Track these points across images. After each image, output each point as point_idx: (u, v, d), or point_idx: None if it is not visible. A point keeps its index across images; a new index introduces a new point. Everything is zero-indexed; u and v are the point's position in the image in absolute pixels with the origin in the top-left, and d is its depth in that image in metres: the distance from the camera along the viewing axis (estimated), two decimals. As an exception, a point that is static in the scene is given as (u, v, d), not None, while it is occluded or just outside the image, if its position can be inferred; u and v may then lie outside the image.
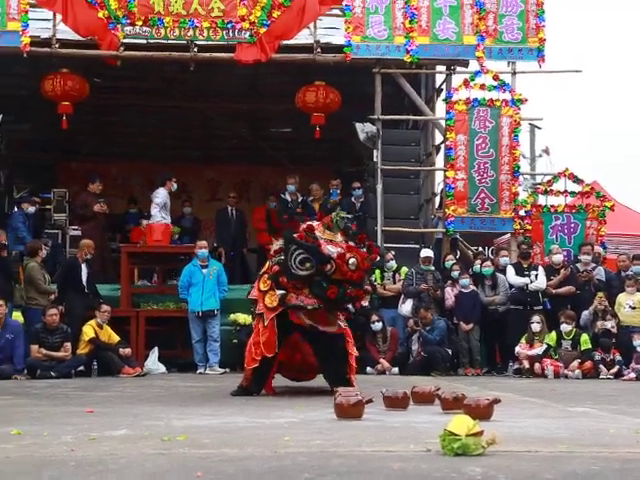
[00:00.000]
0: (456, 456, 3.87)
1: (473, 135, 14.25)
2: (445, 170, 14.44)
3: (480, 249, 15.56)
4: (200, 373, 12.06)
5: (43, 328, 11.36)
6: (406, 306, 12.78)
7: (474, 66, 14.67)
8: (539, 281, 12.71)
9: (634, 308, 12.34)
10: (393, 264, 13.15)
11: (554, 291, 12.72)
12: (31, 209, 14.38)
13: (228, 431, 4.92)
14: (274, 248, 7.92)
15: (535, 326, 12.13)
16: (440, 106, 15.73)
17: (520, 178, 14.58)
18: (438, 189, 16.16)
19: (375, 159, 14.44)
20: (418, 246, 14.17)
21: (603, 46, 55.24)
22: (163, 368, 12.15)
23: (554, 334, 12.06)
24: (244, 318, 12.58)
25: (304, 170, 17.32)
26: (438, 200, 15.82)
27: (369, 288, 8.33)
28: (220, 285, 12.52)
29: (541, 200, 14.45)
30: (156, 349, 12.26)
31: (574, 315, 12.16)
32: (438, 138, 15.82)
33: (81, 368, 11.55)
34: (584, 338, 11.95)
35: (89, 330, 11.58)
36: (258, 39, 14.05)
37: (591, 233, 14.10)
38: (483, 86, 14.32)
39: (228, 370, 12.22)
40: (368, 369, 12.11)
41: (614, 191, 17.35)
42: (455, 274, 12.90)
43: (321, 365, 8.19)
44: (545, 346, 11.98)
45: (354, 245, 7.66)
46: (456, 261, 13.44)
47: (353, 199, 14.84)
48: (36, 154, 18.12)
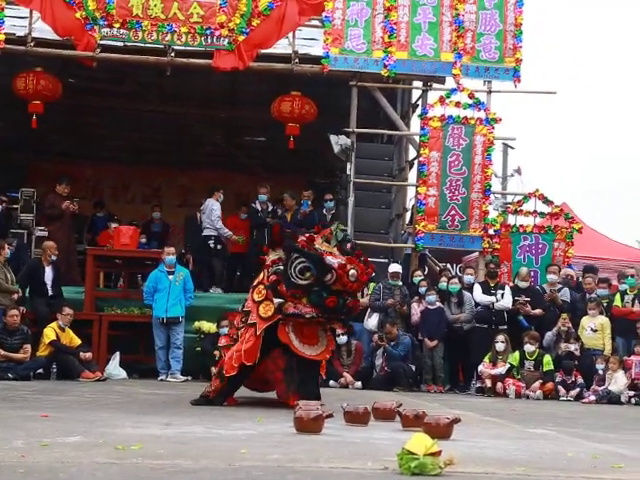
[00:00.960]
0: (413, 475, 3.84)
1: (446, 152, 14.30)
2: (417, 186, 14.46)
3: (447, 266, 15.58)
4: (161, 380, 11.97)
5: (3, 329, 11.21)
6: (372, 320, 12.77)
7: (450, 83, 14.74)
8: (505, 300, 12.76)
9: (595, 331, 12.42)
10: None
11: (531, 312, 12.74)
12: (-3, 208, 14.24)
13: (184, 441, 4.86)
14: (272, 258, 7.90)
15: (499, 345, 12.16)
16: (415, 122, 15.79)
17: (491, 197, 14.64)
18: (409, 204, 16.20)
19: (348, 172, 14.44)
20: (387, 260, 14.17)
21: (577, 69, 55.84)
22: (124, 374, 12.03)
23: (517, 354, 12.10)
24: (208, 326, 12.54)
25: (277, 180, 17.32)
26: (409, 215, 15.85)
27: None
28: (186, 292, 12.45)
29: (510, 220, 14.53)
30: (118, 354, 12.14)
31: (538, 336, 12.23)
32: (412, 153, 15.86)
33: (40, 371, 11.40)
34: (547, 359, 12.02)
35: (50, 332, 11.44)
36: (236, 47, 14.03)
37: (558, 254, 14.19)
38: (458, 104, 14.38)
39: (190, 378, 12.16)
40: (331, 382, 12.07)
41: (583, 214, 17.51)
42: (422, 290, 12.91)
43: (291, 377, 8.10)
44: (508, 366, 12.02)
45: (353, 258, 7.69)
46: (424, 277, 13.45)
47: (325, 211, 14.82)
48: (7, 153, 17.93)
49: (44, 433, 4.95)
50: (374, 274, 9.36)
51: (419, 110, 15.15)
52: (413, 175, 15.53)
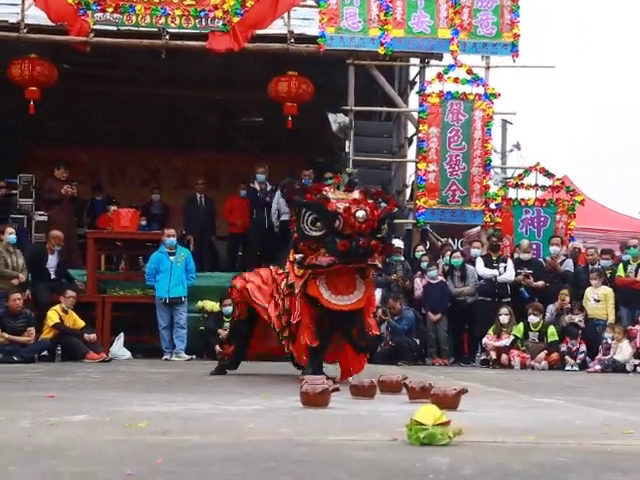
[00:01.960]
0: (422, 446, 3.81)
1: (446, 128, 14.25)
2: (417, 162, 14.44)
3: (449, 240, 15.58)
4: (166, 359, 11.99)
5: (6, 313, 11.21)
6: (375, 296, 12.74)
7: (448, 60, 14.65)
8: (507, 273, 12.76)
9: (598, 301, 12.44)
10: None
11: (534, 284, 12.73)
12: (-4, 194, 14.22)
13: (191, 418, 4.84)
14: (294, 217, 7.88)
15: (503, 318, 12.17)
16: (413, 98, 15.73)
17: (491, 171, 14.60)
18: (409, 181, 16.15)
19: (347, 150, 14.40)
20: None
21: (576, 42, 55.59)
22: (128, 354, 12.05)
23: (521, 326, 12.12)
24: (211, 305, 12.56)
25: (275, 159, 17.25)
26: (409, 192, 15.80)
27: (392, 243, 8.05)
28: (188, 272, 12.46)
29: (512, 193, 14.50)
30: (122, 335, 12.16)
31: (542, 307, 12.25)
32: (410, 130, 15.80)
33: (45, 353, 11.40)
34: (551, 330, 12.05)
35: (54, 315, 11.43)
36: (231, 28, 13.94)
37: (560, 227, 14.19)
38: (457, 80, 14.32)
39: (194, 357, 12.17)
40: (336, 359, 12.06)
41: (584, 186, 17.45)
42: (424, 265, 12.91)
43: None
44: (512, 337, 12.04)
45: (365, 198, 7.55)
46: (426, 252, 13.45)
47: (325, 189, 14.76)
48: (4, 139, 17.85)
49: (50, 413, 4.92)
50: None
51: (417, 87, 15.07)
52: (412, 151, 15.49)
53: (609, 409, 6.03)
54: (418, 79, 15.23)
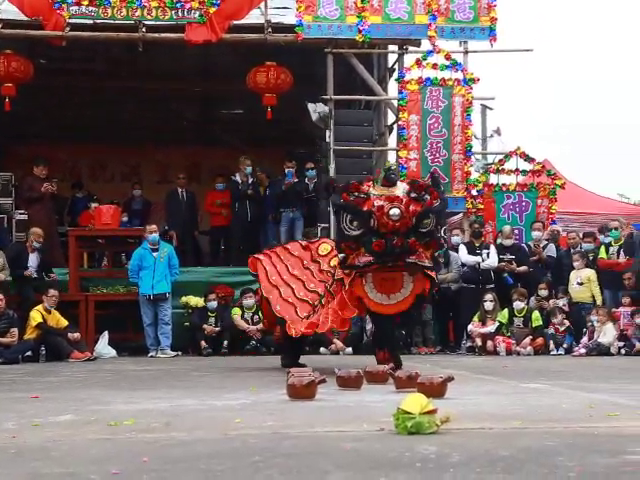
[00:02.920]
0: (410, 435, 3.81)
1: (426, 115, 14.23)
2: (398, 150, 14.42)
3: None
4: (151, 356, 11.93)
5: (-12, 314, 11.12)
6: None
7: (426, 46, 14.63)
8: (491, 259, 12.77)
9: (582, 284, 12.48)
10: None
11: (517, 270, 12.76)
12: (-25, 194, 14.09)
13: (177, 414, 4.82)
14: None
15: (488, 304, 12.19)
16: (392, 86, 15.68)
17: (472, 158, 14.60)
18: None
19: (327, 139, 14.36)
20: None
21: (553, 25, 55.66)
22: (113, 352, 11.97)
23: (506, 312, 12.15)
24: (196, 301, 12.52)
25: (256, 152, 17.17)
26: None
27: (439, 238, 7.92)
28: (171, 268, 12.39)
29: (493, 179, 14.50)
30: (106, 333, 12.08)
31: (526, 292, 12.27)
32: (391, 118, 15.77)
33: (29, 354, 11.31)
34: (535, 315, 12.09)
35: (36, 315, 11.34)
36: (208, 19, 13.86)
37: (542, 211, 14.20)
38: (435, 66, 14.29)
39: (180, 353, 12.13)
40: (322, 349, 12.10)
41: (564, 170, 17.50)
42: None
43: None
44: (497, 324, 12.06)
45: (409, 192, 7.43)
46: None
47: (306, 180, 14.75)
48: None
49: (35, 413, 4.89)
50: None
51: (396, 74, 15.05)
52: (393, 139, 15.46)
53: (594, 392, 6.06)
54: (397, 66, 15.21)
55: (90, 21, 13.88)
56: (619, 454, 3.31)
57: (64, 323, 11.57)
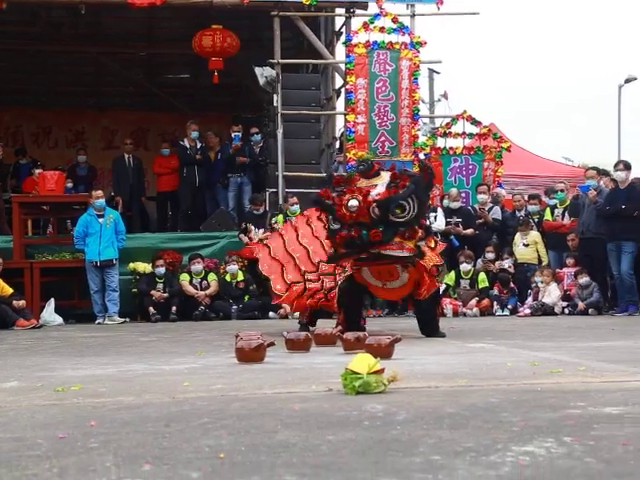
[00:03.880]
0: (358, 394, 3.84)
1: (373, 78, 14.21)
2: (345, 114, 14.40)
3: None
4: (99, 323, 11.85)
5: None
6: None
7: (373, 9, 14.57)
8: (438, 222, 12.85)
9: (527, 245, 12.67)
10: (297, 208, 13.05)
11: (463, 232, 12.87)
12: None
13: (125, 379, 4.80)
14: None
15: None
16: (340, 50, 15.63)
17: (420, 121, 14.64)
18: (339, 133, 16.11)
19: (275, 104, 14.27)
20: (319, 190, 14.09)
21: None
22: (60, 319, 11.83)
23: (453, 274, 12.29)
24: (144, 267, 12.44)
25: (203, 117, 17.04)
26: (339, 144, 15.78)
27: (417, 227, 7.39)
28: (118, 234, 12.27)
29: (440, 143, 14.58)
30: (52, 300, 11.93)
31: (472, 255, 12.41)
32: (338, 82, 15.73)
33: (-28, 322, 11.15)
34: (481, 277, 12.25)
35: (-21, 284, 11.18)
36: (152, -19, 13.63)
37: (489, 174, 14.34)
38: (382, 29, 14.24)
39: (128, 320, 12.06)
40: (271, 314, 12.11)
41: (511, 133, 17.68)
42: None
43: None
44: (444, 286, 12.17)
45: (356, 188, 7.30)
46: (357, 204, 13.43)
47: (252, 144, 14.68)
48: None
49: (-20, 381, 4.83)
50: (306, 206, 8.82)
51: (343, 37, 14.97)
52: (341, 103, 15.45)
53: (538, 350, 6.16)
54: (344, 30, 15.14)
55: (30, -17, 13.61)
56: (561, 409, 3.38)
57: (9, 291, 11.40)
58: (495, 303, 12.14)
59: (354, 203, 7.09)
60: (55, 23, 16.83)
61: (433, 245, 7.99)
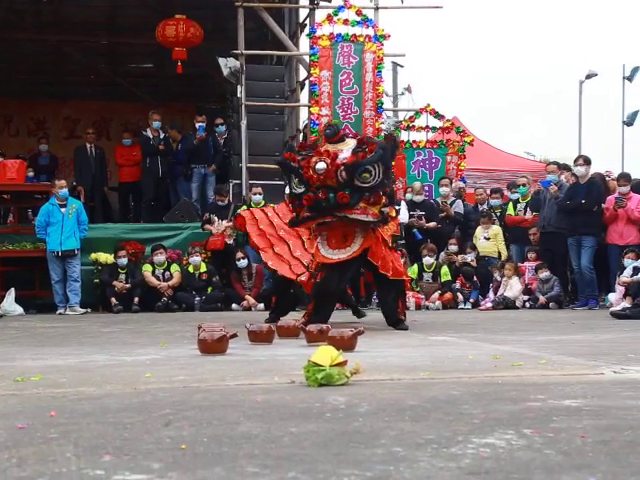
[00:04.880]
0: (320, 386, 3.85)
1: (337, 71, 14.22)
2: (309, 106, 14.41)
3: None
4: (60, 314, 11.74)
5: None
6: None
7: (337, 1, 14.61)
8: (401, 215, 12.86)
9: (489, 239, 12.78)
10: (259, 198, 13.02)
11: (426, 225, 12.94)
12: None
13: (87, 370, 4.76)
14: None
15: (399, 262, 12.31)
16: (304, 41, 15.64)
17: (383, 114, 14.68)
18: (302, 125, 16.11)
19: (239, 95, 14.23)
20: (283, 183, 14.10)
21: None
22: (20, 309, 11.70)
23: (416, 267, 12.33)
24: (105, 257, 12.35)
25: (167, 107, 16.96)
26: (302, 136, 15.78)
27: (382, 193, 7.42)
28: (80, 224, 12.16)
29: (403, 136, 14.62)
30: (12, 290, 11.79)
31: (435, 248, 12.47)
32: (302, 74, 15.73)
33: None
34: (444, 270, 12.31)
35: (-61, 273, 11.03)
36: (115, -31, 13.52)
37: (452, 168, 14.43)
38: (346, 21, 14.26)
39: (89, 310, 11.97)
40: (234, 306, 12.09)
41: (473, 127, 17.77)
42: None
43: None
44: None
45: (354, 149, 7.24)
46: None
47: (216, 135, 14.62)
48: None
49: (-63, 372, 4.76)
50: (269, 198, 8.86)
51: (307, 29, 14.98)
52: (305, 95, 15.44)
53: (500, 344, 6.22)
54: (308, 21, 15.14)
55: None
56: (522, 401, 3.41)
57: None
58: (458, 296, 12.21)
59: (322, 165, 7.11)
60: (18, 10, 16.61)
61: (394, 214, 8.04)
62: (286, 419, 3.08)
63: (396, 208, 8.84)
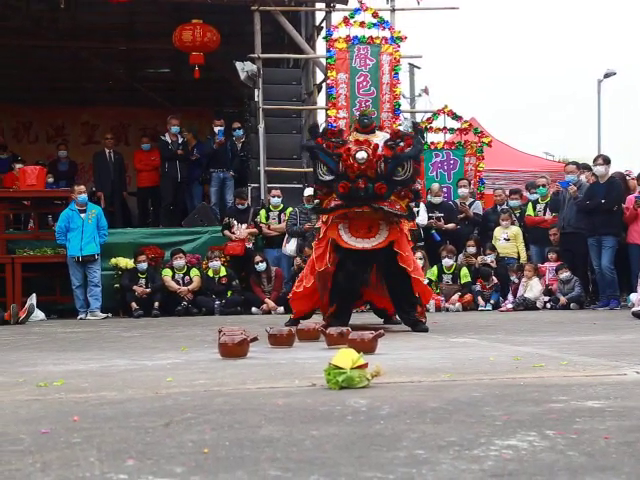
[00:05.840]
0: (341, 389, 3.85)
1: (354, 73, 14.22)
2: (327, 109, 14.41)
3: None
4: (81, 319, 11.81)
5: None
6: (290, 245, 12.75)
7: (353, 3, 14.60)
8: (420, 217, 12.87)
9: (508, 240, 12.74)
10: (278, 201, 13.04)
11: (445, 227, 12.91)
12: None
13: (108, 374, 4.78)
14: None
15: (417, 262, 12.29)
16: (320, 44, 15.65)
17: (401, 116, 14.66)
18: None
19: (256, 99, 14.27)
20: (302, 186, 14.13)
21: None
22: (42, 315, 11.78)
23: (435, 269, 12.31)
24: (125, 262, 12.40)
25: (185, 112, 17.01)
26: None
27: (414, 188, 7.55)
28: (100, 229, 12.23)
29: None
30: (34, 296, 11.87)
31: (454, 249, 12.43)
32: (319, 77, 15.73)
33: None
34: (464, 272, 12.27)
35: (-39, 279, 11.11)
36: (132, -25, 13.59)
37: (470, 169, 14.39)
38: (363, 24, 14.26)
39: (110, 315, 12.02)
40: (253, 309, 12.11)
41: (491, 128, 17.73)
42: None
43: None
44: (427, 281, 12.18)
45: (386, 142, 7.26)
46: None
47: (234, 139, 14.66)
48: None
49: (-39, 377, 4.79)
50: (288, 200, 8.86)
51: (324, 32, 14.98)
52: (322, 98, 15.44)
53: (521, 345, 6.19)
54: (324, 24, 15.14)
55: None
56: (544, 403, 3.40)
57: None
58: (478, 298, 12.17)
59: (363, 155, 7.12)
60: (35, 17, 16.72)
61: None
62: (307, 422, 3.07)
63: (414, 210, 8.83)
